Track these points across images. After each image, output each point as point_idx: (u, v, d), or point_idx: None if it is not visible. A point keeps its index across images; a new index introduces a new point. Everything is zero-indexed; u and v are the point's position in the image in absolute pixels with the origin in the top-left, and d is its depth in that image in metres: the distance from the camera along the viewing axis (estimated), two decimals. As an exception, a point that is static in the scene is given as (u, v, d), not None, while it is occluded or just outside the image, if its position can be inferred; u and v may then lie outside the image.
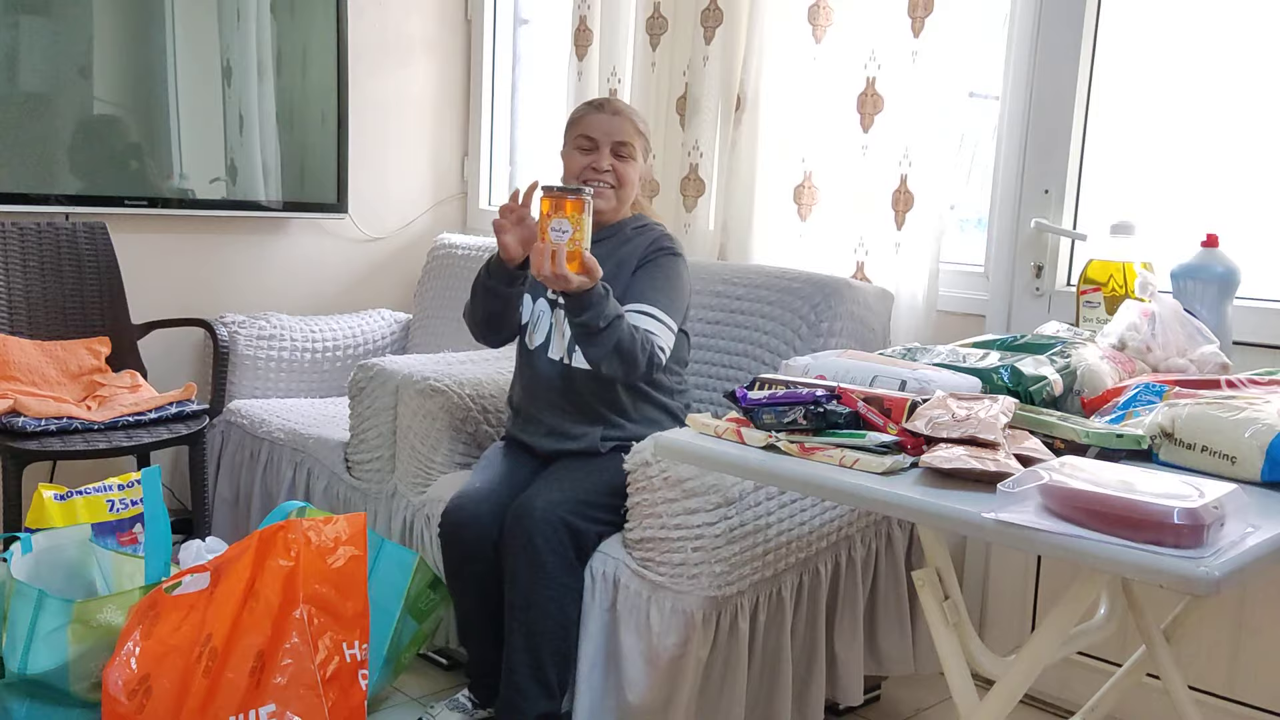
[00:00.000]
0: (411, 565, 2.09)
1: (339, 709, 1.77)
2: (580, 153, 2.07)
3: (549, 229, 1.74)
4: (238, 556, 1.80)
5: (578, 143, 2.08)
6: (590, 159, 2.05)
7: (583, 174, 2.06)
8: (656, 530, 1.82)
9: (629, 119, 2.08)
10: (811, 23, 2.48)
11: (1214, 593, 0.98)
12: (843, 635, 2.06)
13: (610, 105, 2.10)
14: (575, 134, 2.09)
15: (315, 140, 3.18)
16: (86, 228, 2.78)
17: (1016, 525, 1.09)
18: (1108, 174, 2.24)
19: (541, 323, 2.09)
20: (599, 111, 2.08)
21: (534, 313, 2.11)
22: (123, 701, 1.70)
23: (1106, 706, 1.76)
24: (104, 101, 2.83)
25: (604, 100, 2.13)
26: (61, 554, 1.99)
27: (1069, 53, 2.20)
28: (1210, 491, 1.08)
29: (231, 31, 3.00)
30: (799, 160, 2.55)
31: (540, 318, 2.10)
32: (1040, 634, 1.30)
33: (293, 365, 3.01)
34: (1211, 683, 2.04)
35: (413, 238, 3.51)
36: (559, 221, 1.74)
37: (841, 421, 1.34)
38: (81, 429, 2.40)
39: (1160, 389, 1.45)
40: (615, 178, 2.06)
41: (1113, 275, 1.92)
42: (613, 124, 2.06)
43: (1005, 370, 1.51)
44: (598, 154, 2.05)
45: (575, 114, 2.13)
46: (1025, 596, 2.31)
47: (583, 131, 2.07)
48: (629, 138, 2.06)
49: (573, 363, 2.05)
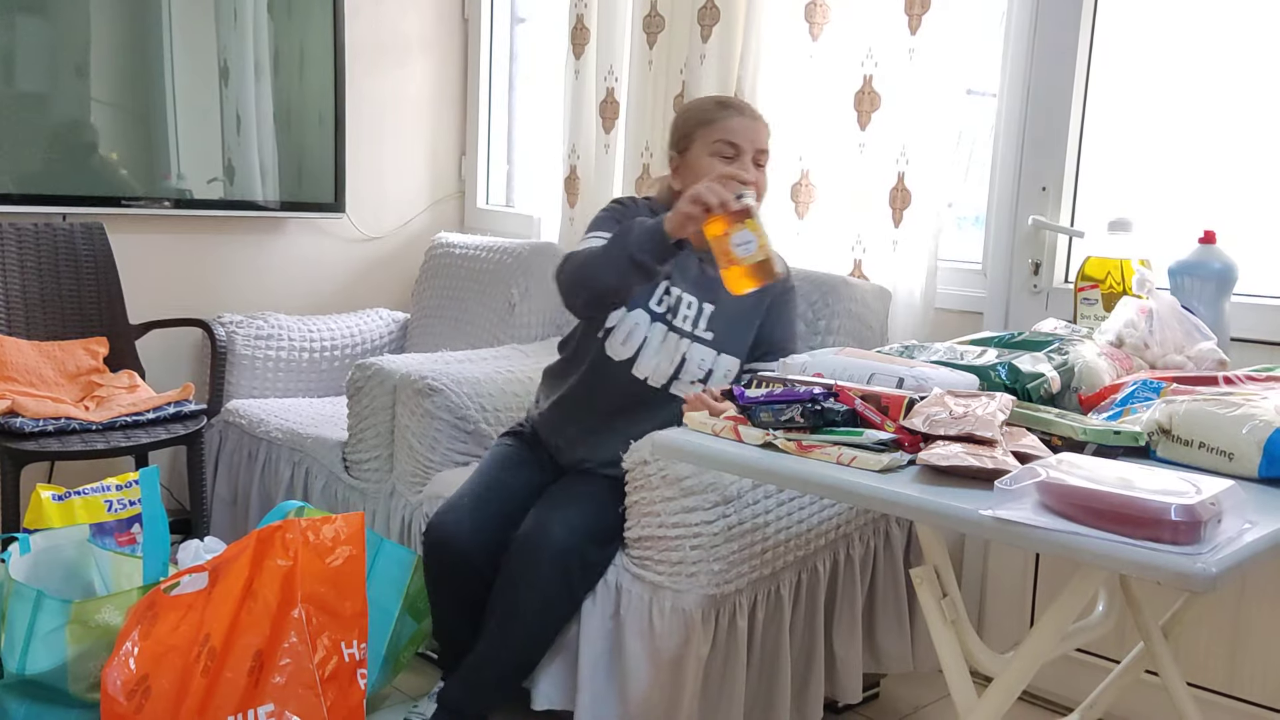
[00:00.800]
0: (410, 564, 2.08)
1: (338, 708, 1.77)
2: (721, 161, 1.86)
3: (731, 246, 1.57)
4: (236, 556, 1.80)
5: (718, 149, 1.88)
6: (735, 168, 1.83)
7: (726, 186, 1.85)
8: (655, 529, 1.82)
9: (765, 124, 1.93)
10: (808, 20, 2.48)
11: (1211, 589, 0.98)
12: (841, 633, 2.06)
13: (749, 108, 1.93)
14: (714, 138, 1.88)
15: (312, 140, 3.18)
16: (84, 228, 2.77)
17: (1014, 522, 1.09)
18: (1105, 171, 2.24)
19: (635, 336, 1.93)
20: (740, 115, 1.90)
21: (628, 323, 1.93)
22: (121, 701, 1.69)
23: (1105, 703, 1.76)
24: (101, 102, 2.82)
25: (740, 101, 1.95)
26: (60, 554, 1.99)
27: (1066, 50, 2.20)
28: (1207, 488, 1.08)
29: (229, 31, 3.00)
30: (796, 158, 2.54)
31: (635, 330, 1.93)
32: (1038, 631, 1.30)
33: (291, 365, 3.01)
34: (1210, 679, 2.05)
35: (410, 237, 3.51)
36: (740, 234, 1.57)
37: (839, 419, 1.34)
38: (79, 429, 2.40)
39: (1158, 386, 1.45)
40: (757, 190, 1.84)
41: (1110, 272, 1.92)
42: (756, 130, 1.90)
43: (1003, 367, 1.51)
44: (740, 162, 1.87)
45: (705, 114, 1.92)
46: (1023, 594, 2.31)
47: (725, 137, 1.88)
48: (767, 146, 1.91)
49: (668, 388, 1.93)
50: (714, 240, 1.60)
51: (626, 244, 1.72)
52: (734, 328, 1.97)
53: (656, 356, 1.94)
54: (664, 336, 1.94)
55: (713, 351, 1.96)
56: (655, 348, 1.94)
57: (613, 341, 1.95)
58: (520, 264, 2.95)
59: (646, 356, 1.94)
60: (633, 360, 1.94)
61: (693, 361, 1.95)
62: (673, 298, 1.96)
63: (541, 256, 2.93)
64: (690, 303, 1.96)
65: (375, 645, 2.01)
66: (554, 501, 1.91)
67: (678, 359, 1.94)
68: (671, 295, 1.96)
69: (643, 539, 1.85)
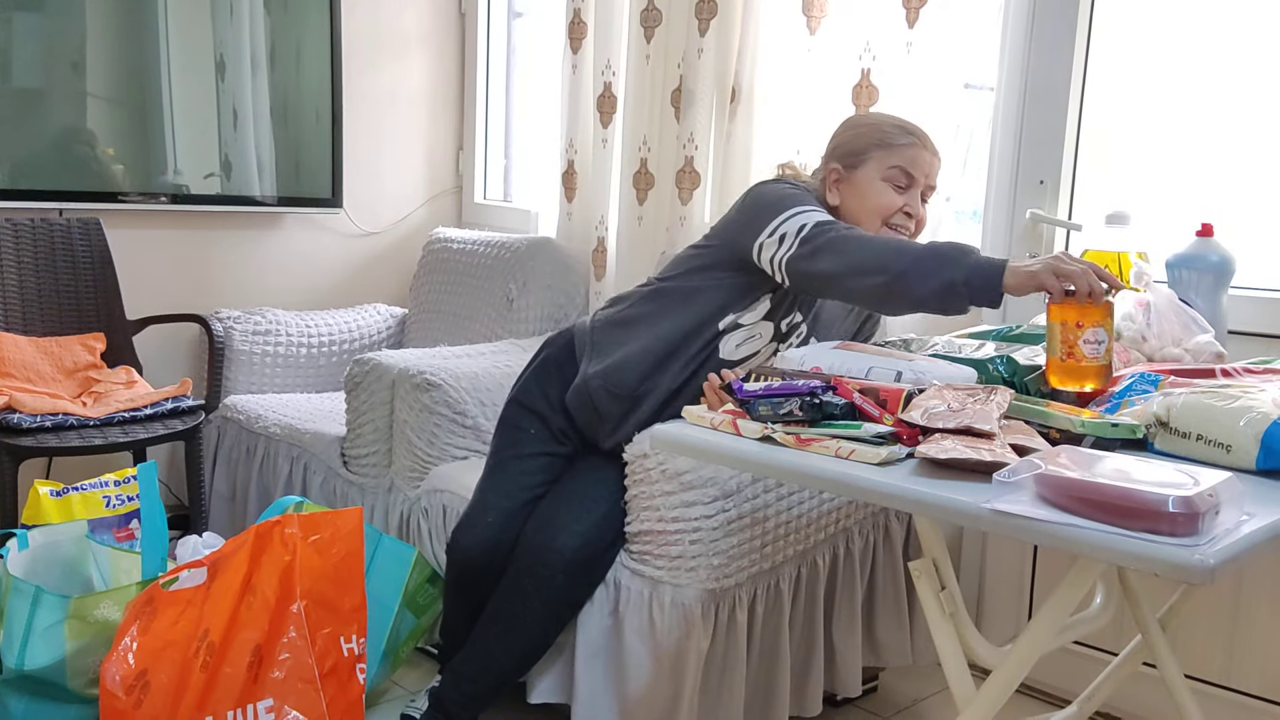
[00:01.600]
0: (410, 560, 2.09)
1: (337, 703, 1.77)
2: (894, 189, 1.79)
3: (1081, 341, 1.41)
4: (234, 552, 1.80)
5: (893, 176, 1.79)
6: (905, 200, 1.78)
7: (894, 215, 1.79)
8: (654, 523, 1.82)
9: (940, 158, 1.84)
10: (806, 14, 2.47)
11: (1209, 581, 0.99)
12: (841, 627, 2.06)
13: (930, 141, 1.83)
14: (891, 163, 1.79)
15: (309, 135, 3.18)
16: (81, 223, 2.77)
17: (1013, 515, 1.09)
18: (1103, 164, 2.24)
19: (750, 345, 1.85)
20: (923, 148, 1.81)
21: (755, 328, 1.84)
22: (120, 697, 1.69)
23: (1103, 695, 1.76)
24: (97, 97, 2.82)
25: (921, 131, 1.84)
26: (58, 550, 1.99)
27: (1064, 43, 2.20)
28: (1205, 480, 1.08)
29: (225, 26, 2.99)
30: (794, 151, 2.54)
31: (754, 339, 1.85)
32: (1036, 623, 1.30)
33: (288, 360, 3.01)
34: (1208, 671, 2.05)
35: (408, 232, 3.50)
36: (1096, 333, 1.41)
37: (837, 413, 1.34)
38: (77, 425, 2.40)
39: (1155, 378, 1.45)
40: (918, 226, 1.81)
41: (1108, 265, 1.92)
42: (934, 166, 1.81)
43: (1001, 361, 1.51)
44: (910, 194, 1.79)
45: (886, 136, 1.81)
46: (1021, 586, 2.31)
47: (903, 165, 1.78)
48: (938, 180, 1.83)
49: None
50: (1061, 325, 1.42)
51: (962, 266, 1.50)
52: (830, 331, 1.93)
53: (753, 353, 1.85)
54: (770, 356, 1.85)
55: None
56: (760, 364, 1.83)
57: (728, 341, 1.83)
58: (518, 259, 2.94)
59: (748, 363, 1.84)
60: (736, 365, 1.80)
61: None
62: (793, 318, 1.87)
63: (539, 251, 2.93)
64: (801, 330, 1.88)
65: (375, 640, 2.02)
66: (565, 501, 1.87)
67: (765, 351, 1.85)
68: (793, 315, 1.87)
69: (642, 533, 1.85)
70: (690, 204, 2.69)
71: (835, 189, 1.85)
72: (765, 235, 1.71)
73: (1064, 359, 1.42)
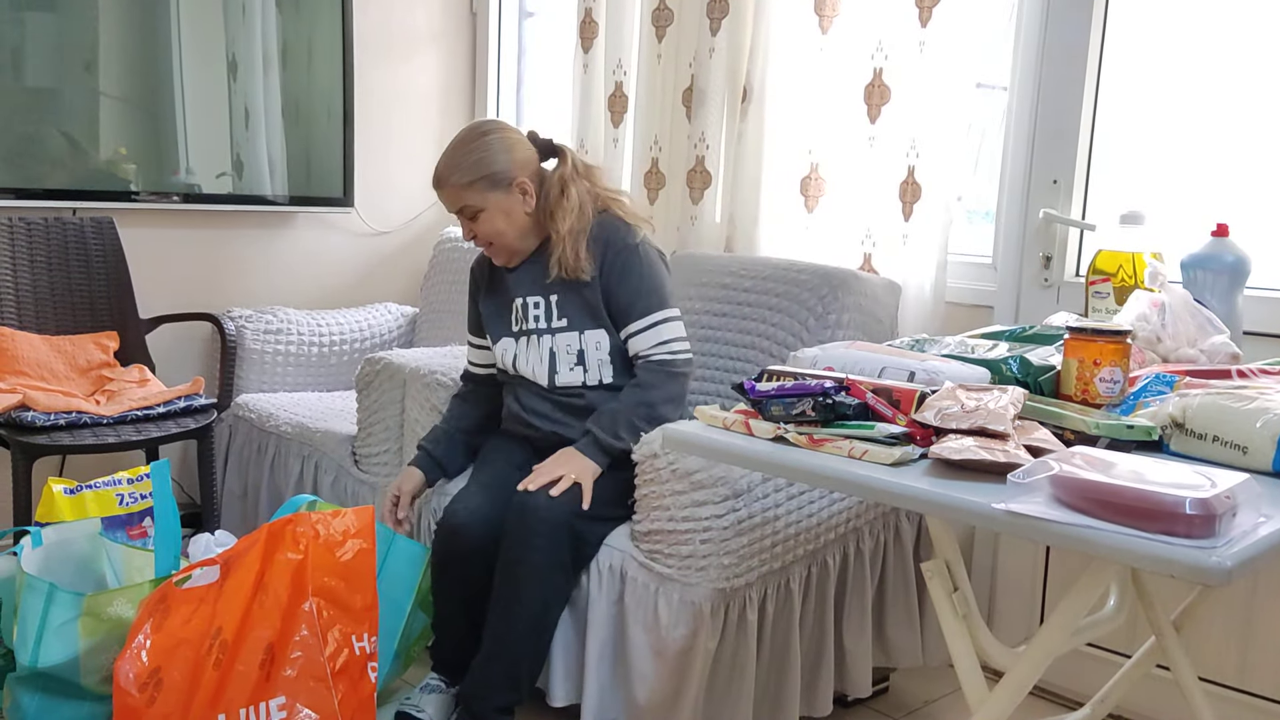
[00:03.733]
0: (422, 560, 2.09)
1: (348, 701, 1.77)
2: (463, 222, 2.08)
3: (1095, 380, 1.42)
4: (247, 550, 1.81)
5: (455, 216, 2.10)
6: (465, 230, 2.08)
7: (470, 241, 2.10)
8: (664, 522, 1.82)
9: (455, 185, 2.02)
10: (818, 13, 2.47)
11: (1226, 583, 0.98)
12: (851, 627, 2.06)
13: (439, 178, 2.05)
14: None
15: (321, 134, 3.18)
16: (94, 222, 2.78)
17: (1027, 516, 1.09)
18: (1117, 164, 2.23)
19: (506, 358, 2.11)
20: (440, 189, 2.06)
21: (498, 352, 2.13)
22: (134, 694, 1.70)
23: (1116, 697, 1.76)
24: (110, 97, 2.83)
25: (435, 175, 2.06)
26: (72, 548, 1.99)
27: (1078, 42, 2.19)
28: (1222, 481, 1.07)
29: (237, 25, 3.00)
30: (805, 152, 2.54)
31: (505, 354, 2.11)
32: (1050, 625, 1.30)
33: (300, 359, 3.02)
34: (1222, 673, 2.04)
35: (419, 232, 3.51)
36: (1110, 371, 1.42)
37: (850, 413, 1.33)
38: (90, 423, 2.41)
39: (1171, 379, 1.44)
40: (484, 238, 2.06)
41: (1122, 265, 1.91)
42: (447, 198, 2.05)
43: (1014, 361, 1.51)
44: (463, 226, 2.08)
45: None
46: (1034, 588, 2.30)
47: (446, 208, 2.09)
48: (464, 201, 2.03)
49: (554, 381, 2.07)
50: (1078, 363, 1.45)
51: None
52: (581, 306, 2.06)
53: (529, 363, 2.08)
54: (528, 344, 2.09)
55: (574, 333, 2.06)
56: (525, 356, 2.09)
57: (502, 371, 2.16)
58: (529, 258, 2.94)
59: (522, 365, 2.10)
60: (517, 374, 2.11)
61: (560, 350, 2.07)
62: (518, 308, 2.10)
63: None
64: (536, 302, 2.09)
65: (387, 640, 2.02)
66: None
67: (546, 356, 2.06)
68: (517, 306, 2.11)
69: (652, 533, 1.85)
70: (701, 203, 2.69)
71: None
72: None
73: (1079, 397, 1.43)
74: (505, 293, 2.14)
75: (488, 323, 2.17)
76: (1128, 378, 1.44)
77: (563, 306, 2.07)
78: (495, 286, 2.17)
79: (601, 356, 2.05)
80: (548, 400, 2.08)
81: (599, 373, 2.06)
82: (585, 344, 2.06)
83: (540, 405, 2.09)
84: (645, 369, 2.02)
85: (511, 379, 2.15)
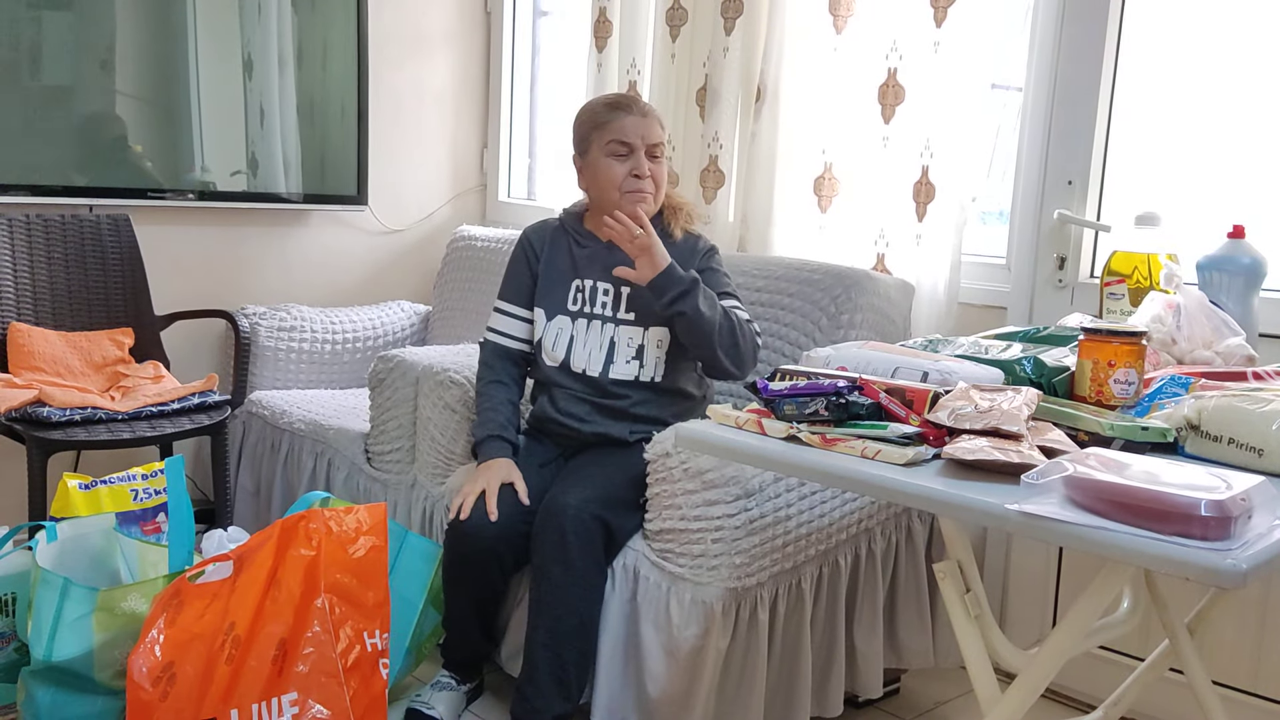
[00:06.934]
0: (434, 557, 2.09)
1: (360, 698, 1.78)
2: (616, 160, 2.00)
3: (1110, 382, 1.43)
4: (260, 546, 1.81)
5: (612, 149, 2.00)
6: (629, 165, 1.99)
7: (625, 182, 2.00)
8: (676, 521, 1.82)
9: (656, 118, 2.04)
10: (832, 13, 2.46)
11: (1241, 585, 0.98)
12: (862, 628, 2.06)
13: (638, 105, 2.03)
14: (606, 139, 2.01)
15: (335, 133, 3.19)
16: (110, 219, 2.80)
17: (1041, 517, 1.08)
18: (1132, 165, 2.22)
19: (561, 339, 2.06)
20: (628, 113, 2.01)
21: (551, 331, 2.07)
22: (147, 689, 1.71)
23: (1129, 701, 1.75)
24: (126, 95, 2.84)
25: (628, 100, 2.05)
26: (86, 542, 2.01)
27: (1093, 43, 2.18)
28: (1238, 484, 1.07)
29: (252, 25, 3.01)
30: (819, 151, 2.53)
31: (560, 334, 2.07)
32: (1063, 627, 1.29)
33: (313, 356, 3.03)
34: (1235, 677, 2.03)
35: (432, 230, 3.52)
36: (1125, 373, 1.43)
37: (863, 413, 1.33)
38: (105, 419, 2.42)
39: (1186, 381, 1.43)
40: (654, 183, 2.01)
41: (1137, 267, 1.90)
42: (645, 126, 2.00)
43: (1028, 362, 1.50)
44: (634, 159, 1.99)
45: (598, 116, 2.04)
46: (1046, 590, 2.30)
47: (616, 137, 2.00)
48: (660, 138, 2.01)
49: (607, 373, 2.03)
50: (1092, 364, 1.45)
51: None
52: (652, 302, 2.01)
53: (587, 348, 2.04)
54: (587, 328, 2.05)
55: (639, 328, 2.04)
56: (583, 339, 2.04)
57: (544, 353, 2.08)
58: (542, 257, 2.95)
59: (577, 350, 2.04)
60: (566, 359, 2.05)
61: (621, 341, 2.04)
62: (587, 291, 2.06)
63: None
64: (606, 289, 2.06)
65: (398, 636, 2.02)
66: (566, 483, 1.94)
67: (606, 344, 2.02)
68: (585, 288, 2.07)
69: (664, 531, 1.85)
70: (714, 203, 2.69)
71: (581, 177, 2.09)
72: None
73: (1093, 398, 1.43)
74: (568, 270, 2.08)
75: (542, 295, 2.09)
76: (1142, 379, 1.44)
77: (633, 300, 2.04)
78: (556, 260, 2.11)
79: (660, 355, 2.03)
80: (586, 403, 2.05)
81: (654, 370, 2.04)
82: (647, 340, 2.04)
83: (577, 409, 2.05)
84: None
85: (547, 373, 2.08)
